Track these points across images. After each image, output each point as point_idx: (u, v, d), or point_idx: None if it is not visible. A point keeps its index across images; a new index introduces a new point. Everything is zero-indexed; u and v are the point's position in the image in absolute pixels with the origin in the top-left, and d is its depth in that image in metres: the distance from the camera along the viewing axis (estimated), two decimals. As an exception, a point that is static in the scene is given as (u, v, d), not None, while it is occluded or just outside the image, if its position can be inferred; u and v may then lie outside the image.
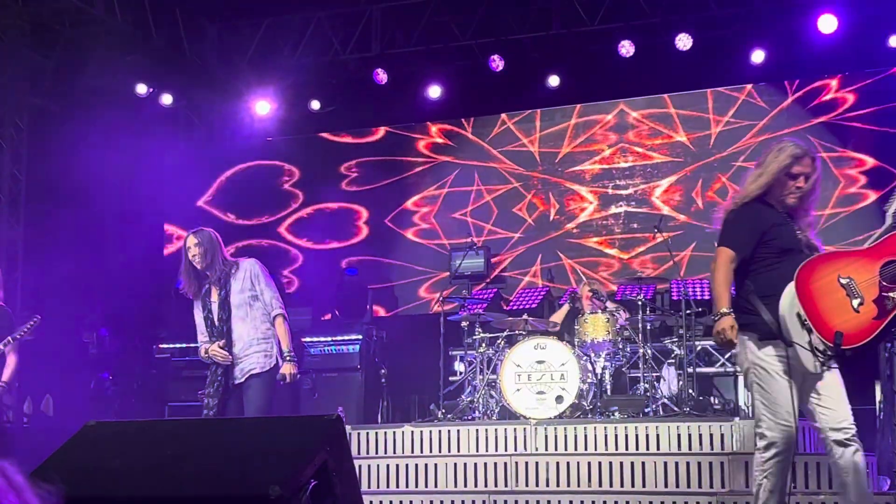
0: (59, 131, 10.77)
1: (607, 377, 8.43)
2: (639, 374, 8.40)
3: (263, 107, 11.51)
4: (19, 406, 9.76)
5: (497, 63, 10.59)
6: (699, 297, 9.21)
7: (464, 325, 8.79)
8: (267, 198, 11.95)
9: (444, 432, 7.64)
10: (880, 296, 4.42)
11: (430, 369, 9.07)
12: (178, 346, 9.88)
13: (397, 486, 7.41)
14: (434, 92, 11.12)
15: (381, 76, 10.92)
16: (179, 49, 11.00)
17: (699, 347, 8.95)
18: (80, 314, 10.81)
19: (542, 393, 7.81)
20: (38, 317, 7.12)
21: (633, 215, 10.70)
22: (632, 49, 10.21)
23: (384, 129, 11.71)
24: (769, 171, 4.63)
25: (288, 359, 6.19)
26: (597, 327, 8.36)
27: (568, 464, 7.09)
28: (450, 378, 9.10)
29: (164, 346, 10.01)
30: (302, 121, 11.89)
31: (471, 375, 8.63)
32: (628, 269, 10.40)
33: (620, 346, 8.41)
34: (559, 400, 7.76)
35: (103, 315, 11.05)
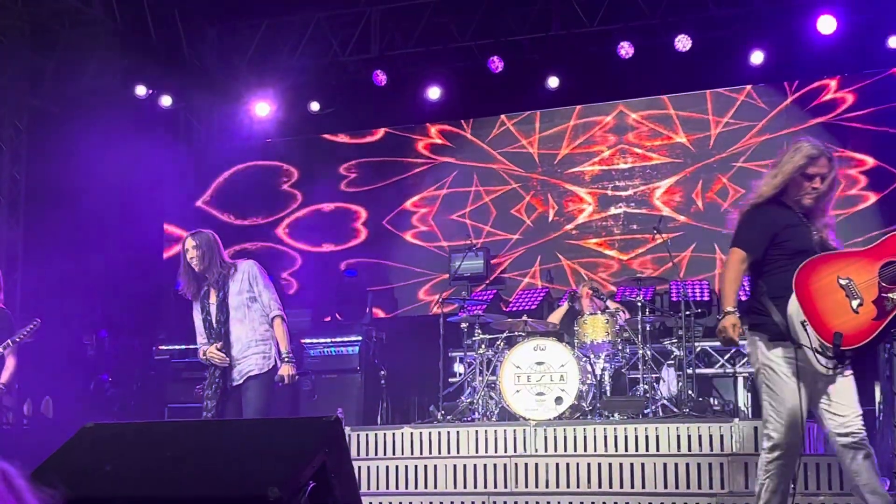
0: (59, 132, 10.77)
1: (607, 378, 8.42)
2: (638, 376, 8.39)
3: (263, 108, 11.51)
4: (19, 408, 9.76)
5: (496, 64, 10.58)
6: (698, 298, 9.21)
7: (463, 326, 8.79)
8: (266, 198, 11.94)
9: (443, 433, 7.64)
10: (880, 297, 4.42)
11: (429, 371, 9.06)
12: (177, 347, 9.87)
13: (397, 488, 7.41)
14: (433, 93, 11.11)
15: (380, 77, 10.92)
16: (179, 50, 11.00)
17: (699, 348, 8.94)
18: (79, 315, 10.80)
19: (542, 394, 7.81)
20: (37, 320, 7.11)
21: (633, 216, 10.70)
22: (631, 50, 10.21)
23: (384, 129, 11.71)
24: (784, 171, 4.61)
25: (286, 360, 6.17)
26: (596, 328, 8.35)
27: (567, 465, 7.09)
28: (449, 379, 9.10)
29: (164, 348, 10.00)
30: (301, 122, 11.87)
31: (470, 377, 8.62)
32: (628, 269, 10.38)
33: (620, 347, 8.40)
34: (559, 401, 7.75)
35: (103, 316, 11.05)
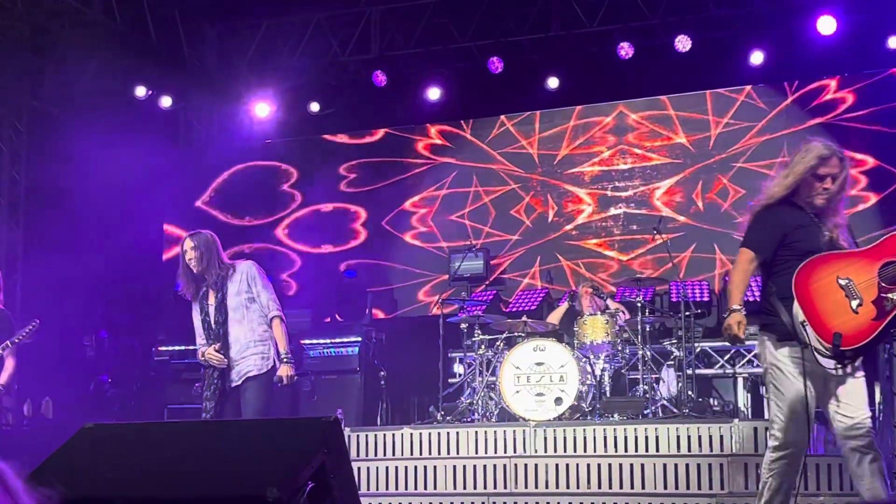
0: (58, 133, 10.77)
1: (606, 379, 8.41)
2: (638, 376, 8.39)
3: (263, 109, 11.51)
4: (19, 408, 9.76)
5: (496, 65, 10.58)
6: (698, 298, 9.21)
7: (463, 326, 8.78)
8: (265, 199, 11.94)
9: (443, 434, 7.63)
10: (879, 297, 4.42)
11: (429, 371, 9.06)
12: (177, 348, 9.87)
13: (396, 489, 7.40)
14: (433, 94, 11.11)
15: (380, 78, 10.91)
16: (179, 51, 11.00)
17: (698, 349, 8.93)
18: (79, 316, 10.80)
19: (542, 395, 7.80)
20: (36, 321, 7.11)
21: (633, 217, 10.69)
22: (631, 51, 10.21)
23: (383, 130, 11.71)
24: (796, 172, 4.60)
25: (285, 361, 6.15)
26: (596, 329, 8.34)
27: (567, 465, 7.09)
28: (449, 380, 9.10)
29: (164, 349, 10.00)
30: (301, 123, 11.87)
31: (470, 377, 8.61)
32: (627, 270, 10.38)
33: (619, 347, 8.39)
34: (558, 402, 7.75)
35: (103, 317, 11.05)
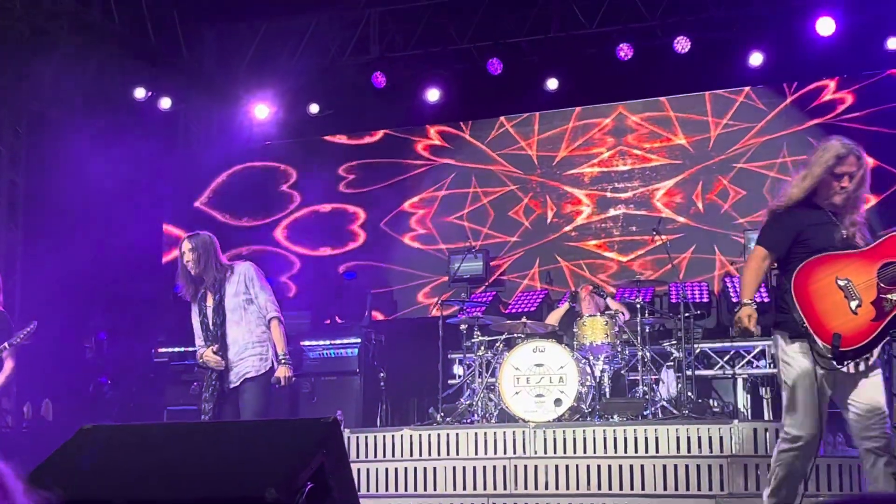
0: (58, 135, 10.77)
1: (606, 380, 8.41)
2: (637, 377, 8.39)
3: (262, 110, 11.50)
4: (19, 410, 9.76)
5: (496, 66, 10.59)
6: (698, 299, 9.21)
7: (462, 328, 8.78)
8: (264, 199, 11.93)
9: (442, 435, 7.62)
10: (878, 297, 4.43)
11: (428, 372, 9.06)
12: (176, 350, 9.87)
13: (396, 490, 7.40)
14: (433, 95, 11.11)
15: (379, 79, 10.91)
16: (178, 53, 11.00)
17: (698, 350, 8.93)
18: (78, 318, 10.80)
19: (541, 396, 7.80)
20: (34, 322, 7.10)
21: (632, 218, 10.69)
22: (630, 52, 10.21)
23: (383, 131, 11.71)
24: (813, 173, 4.62)
25: (283, 362, 6.14)
26: (595, 330, 8.34)
27: (567, 467, 7.09)
28: (448, 381, 9.10)
29: (163, 350, 10.00)
30: (301, 124, 11.87)
31: (469, 379, 8.61)
32: (627, 271, 10.37)
33: (619, 348, 8.39)
34: (558, 403, 7.75)
35: (102, 319, 11.05)
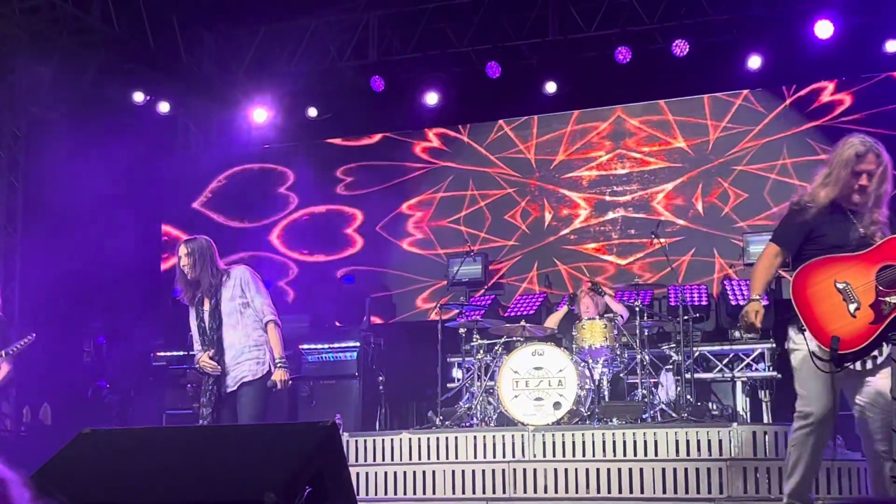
0: (57, 139, 10.79)
1: (605, 383, 8.40)
2: (637, 380, 8.38)
3: (261, 114, 11.51)
4: (17, 414, 9.76)
5: (494, 69, 10.59)
6: (697, 303, 9.20)
7: (461, 331, 8.78)
8: (261, 201, 11.93)
9: (441, 439, 7.62)
10: (877, 300, 4.43)
11: (427, 376, 9.06)
12: (175, 354, 9.87)
13: (395, 494, 7.39)
14: (431, 99, 11.12)
15: (378, 83, 10.92)
16: (177, 57, 11.01)
17: (697, 353, 8.93)
18: (77, 322, 10.80)
19: (540, 399, 7.80)
20: (33, 334, 7.09)
21: (631, 221, 10.69)
22: (629, 55, 10.22)
23: (381, 134, 11.71)
24: (834, 174, 4.64)
25: (280, 365, 6.11)
26: (594, 333, 8.34)
27: (566, 470, 7.08)
28: (447, 385, 9.09)
29: (162, 354, 10.00)
30: (299, 128, 11.88)
31: (468, 382, 8.61)
32: (626, 274, 10.37)
33: (618, 352, 8.38)
34: (557, 406, 7.74)
35: (101, 323, 11.04)
